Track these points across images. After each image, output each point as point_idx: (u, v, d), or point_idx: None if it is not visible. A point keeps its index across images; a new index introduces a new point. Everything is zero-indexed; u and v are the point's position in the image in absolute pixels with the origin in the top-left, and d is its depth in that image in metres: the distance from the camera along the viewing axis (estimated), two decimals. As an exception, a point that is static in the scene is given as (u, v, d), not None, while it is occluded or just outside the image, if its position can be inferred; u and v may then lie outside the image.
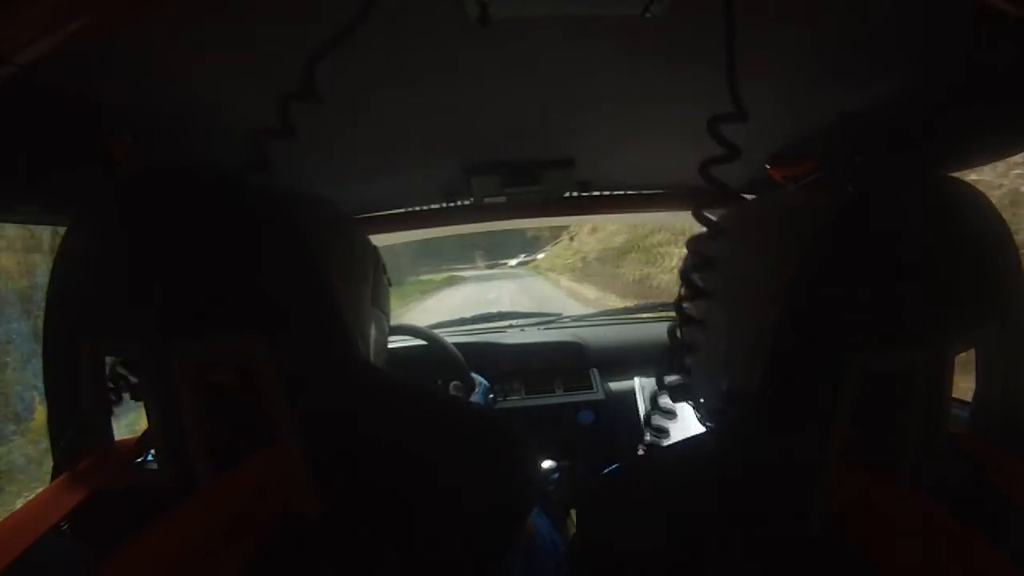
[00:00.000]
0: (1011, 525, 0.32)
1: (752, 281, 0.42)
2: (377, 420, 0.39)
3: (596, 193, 1.10)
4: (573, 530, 1.02)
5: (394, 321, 0.68)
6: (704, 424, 0.52)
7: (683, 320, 0.50)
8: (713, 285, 0.47)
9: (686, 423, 0.90)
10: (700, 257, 0.47)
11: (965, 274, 0.34)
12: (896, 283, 0.33)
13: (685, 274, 0.49)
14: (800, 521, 0.33)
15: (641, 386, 0.99)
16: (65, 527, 0.35)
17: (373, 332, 0.50)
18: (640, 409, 0.96)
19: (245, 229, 0.35)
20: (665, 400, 0.54)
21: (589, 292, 11.79)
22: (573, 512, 1.06)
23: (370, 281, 0.52)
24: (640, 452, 0.92)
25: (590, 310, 1.64)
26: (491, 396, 1.15)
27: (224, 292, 0.34)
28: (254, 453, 0.33)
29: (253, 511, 0.32)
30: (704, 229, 0.46)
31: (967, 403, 0.37)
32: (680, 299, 0.50)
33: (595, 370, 1.35)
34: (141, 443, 0.38)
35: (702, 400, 0.50)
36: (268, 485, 0.33)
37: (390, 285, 0.62)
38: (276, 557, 0.33)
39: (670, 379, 0.51)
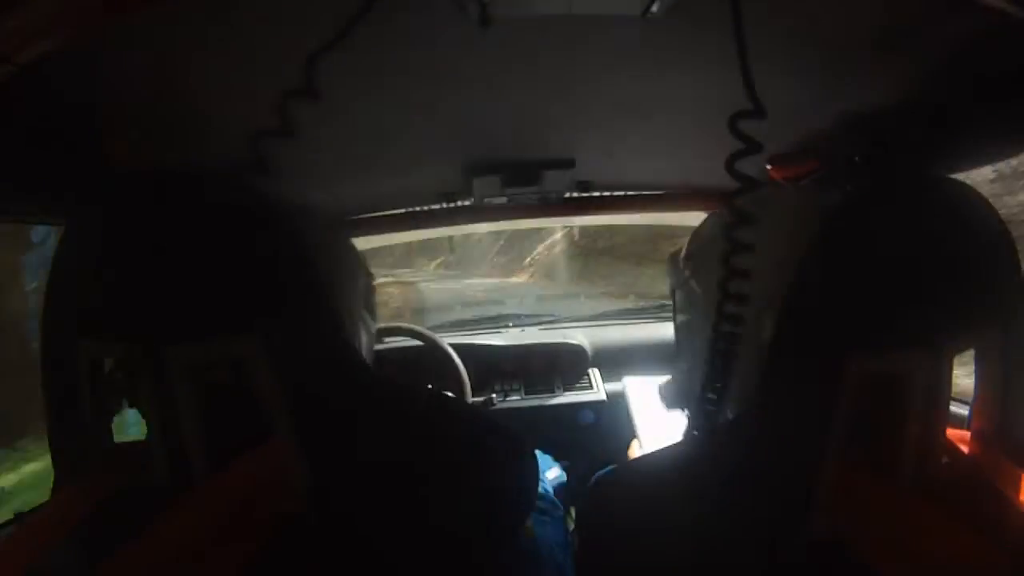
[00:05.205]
0: (1009, 525, 0.32)
1: (753, 281, 0.42)
2: (373, 420, 0.40)
3: (596, 194, 1.09)
4: (572, 527, 1.01)
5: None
6: (692, 427, 0.51)
7: (676, 327, 0.50)
8: (709, 289, 0.47)
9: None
10: (693, 263, 0.47)
11: (963, 275, 0.34)
12: (894, 283, 0.33)
13: (677, 280, 0.49)
14: (798, 523, 0.33)
15: (629, 388, 0.97)
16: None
17: (363, 333, 0.51)
18: (631, 412, 0.95)
19: (241, 231, 0.35)
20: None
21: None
22: (572, 510, 1.06)
23: (358, 283, 0.54)
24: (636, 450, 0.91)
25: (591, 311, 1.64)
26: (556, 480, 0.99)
27: (221, 293, 0.34)
28: (250, 453, 0.33)
29: (249, 511, 0.32)
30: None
31: (966, 403, 0.37)
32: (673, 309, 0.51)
33: (595, 370, 1.35)
34: (140, 445, 0.38)
35: (691, 404, 0.50)
36: (264, 485, 0.33)
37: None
38: (272, 557, 0.33)
39: (664, 382, 0.52)
